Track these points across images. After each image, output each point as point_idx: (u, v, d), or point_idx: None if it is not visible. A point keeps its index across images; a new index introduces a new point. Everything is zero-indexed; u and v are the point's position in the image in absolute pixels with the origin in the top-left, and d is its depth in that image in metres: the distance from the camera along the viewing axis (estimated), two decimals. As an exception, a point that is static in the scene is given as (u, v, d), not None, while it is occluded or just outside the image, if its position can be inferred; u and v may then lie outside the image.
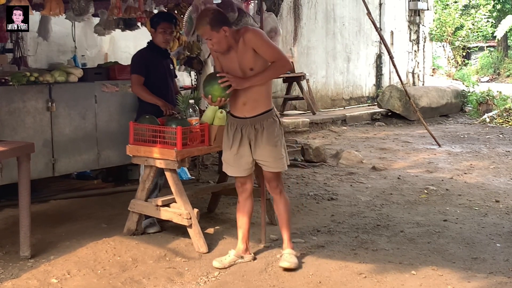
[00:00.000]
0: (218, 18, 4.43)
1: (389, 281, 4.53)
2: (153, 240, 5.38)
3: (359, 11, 16.62)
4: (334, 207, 6.69)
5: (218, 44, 4.46)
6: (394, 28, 18.97)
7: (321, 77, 15.95)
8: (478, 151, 10.55)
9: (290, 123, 12.22)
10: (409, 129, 13.66)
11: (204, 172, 8.22)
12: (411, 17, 19.98)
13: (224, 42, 4.44)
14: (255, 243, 5.31)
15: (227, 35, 4.43)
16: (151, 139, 5.20)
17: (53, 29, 7.88)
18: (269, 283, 4.49)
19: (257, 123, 4.58)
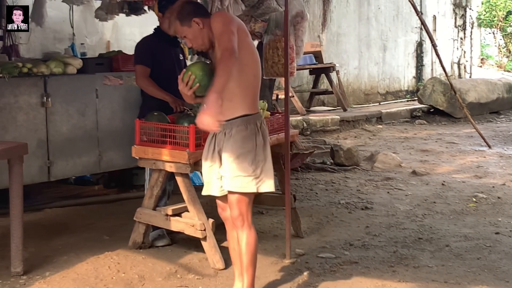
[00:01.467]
0: (186, 10, 4.14)
1: (433, 303, 4.49)
2: (162, 254, 5.38)
3: (397, -7, 16.57)
4: (369, 217, 6.66)
5: (194, 40, 4.15)
6: (437, 12, 18.86)
7: (353, 69, 15.90)
8: (534, 153, 10.47)
9: (318, 121, 12.19)
10: (455, 128, 13.57)
11: (219, 177, 8.21)
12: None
13: (201, 36, 4.12)
14: (279, 259, 5.29)
15: (202, 28, 4.09)
16: (160, 139, 5.20)
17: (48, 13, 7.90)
18: (295, 305, 4.48)
19: (227, 128, 4.13)
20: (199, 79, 4.01)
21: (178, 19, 4.12)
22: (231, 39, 3.95)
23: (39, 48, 8.95)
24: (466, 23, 20.44)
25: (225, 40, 3.94)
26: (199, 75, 4.01)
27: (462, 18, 20.25)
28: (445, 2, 19.33)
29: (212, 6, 5.85)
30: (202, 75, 4.01)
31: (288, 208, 5.42)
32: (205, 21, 4.08)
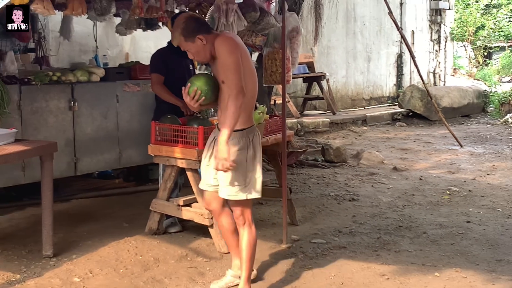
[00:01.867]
0: (190, 27, 3.94)
1: (412, 282, 4.49)
2: (175, 239, 5.38)
3: (379, 10, 16.52)
4: (356, 207, 6.66)
5: (197, 54, 3.99)
6: (415, 27, 18.85)
7: (341, 77, 15.89)
8: (500, 151, 10.45)
9: (310, 123, 12.18)
10: (431, 129, 13.55)
11: (224, 172, 8.19)
12: (432, 16, 19.83)
13: (203, 51, 3.95)
14: (277, 244, 5.30)
15: (205, 44, 3.92)
16: (173, 139, 5.20)
17: (74, 29, 7.90)
18: (290, 284, 4.47)
19: None
20: (205, 93, 3.93)
21: (182, 35, 3.94)
22: (239, 76, 3.86)
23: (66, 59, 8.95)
24: (441, 37, 20.42)
25: (233, 77, 3.86)
26: (204, 90, 3.92)
27: (437, 33, 20.22)
28: (422, 19, 19.32)
29: (218, 22, 5.85)
30: (207, 89, 3.93)
31: (284, 199, 5.42)
32: (208, 37, 3.93)
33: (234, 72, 3.85)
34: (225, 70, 3.87)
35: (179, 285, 4.45)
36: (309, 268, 4.76)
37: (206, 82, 3.94)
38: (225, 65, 3.87)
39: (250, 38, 6.69)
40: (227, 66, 3.87)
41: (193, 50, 3.95)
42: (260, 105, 5.83)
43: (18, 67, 6.78)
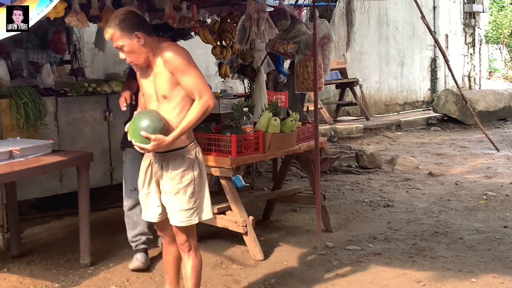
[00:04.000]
0: (131, 20, 3.45)
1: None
2: (209, 247, 5.41)
3: (412, 15, 16.40)
4: (391, 213, 6.62)
5: (131, 54, 3.47)
6: (449, 31, 18.65)
7: (375, 82, 15.80)
8: (538, 155, 10.28)
9: (344, 129, 12.15)
10: (466, 133, 13.39)
11: (258, 179, 8.24)
12: (466, 19, 19.60)
13: (139, 52, 3.46)
14: (311, 250, 5.30)
15: (143, 44, 3.44)
16: (206, 147, 5.24)
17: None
18: (326, 291, 4.47)
19: (163, 161, 3.62)
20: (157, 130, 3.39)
21: (119, 27, 3.42)
22: (205, 82, 3.52)
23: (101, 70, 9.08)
24: (475, 41, 20.16)
25: (200, 83, 3.47)
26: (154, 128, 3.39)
27: (472, 36, 19.98)
28: (456, 22, 19.11)
29: (249, 31, 5.88)
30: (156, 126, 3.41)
31: (318, 206, 5.43)
32: (148, 40, 3.46)
33: (200, 76, 3.49)
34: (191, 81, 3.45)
35: (214, 293, 4.48)
36: (344, 275, 4.75)
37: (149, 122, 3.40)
38: (184, 70, 3.45)
39: (281, 46, 6.73)
40: (193, 75, 3.46)
41: (127, 48, 3.44)
42: (292, 112, 5.86)
43: (55, 79, 6.91)
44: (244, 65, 7.78)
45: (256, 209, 6.48)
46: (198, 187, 3.64)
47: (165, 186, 3.63)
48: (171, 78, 3.47)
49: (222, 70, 7.80)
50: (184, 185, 3.59)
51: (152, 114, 3.43)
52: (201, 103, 3.47)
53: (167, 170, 3.59)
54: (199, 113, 3.47)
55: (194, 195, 3.63)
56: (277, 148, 5.45)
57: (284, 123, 5.44)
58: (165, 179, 3.62)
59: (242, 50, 7.48)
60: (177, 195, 3.60)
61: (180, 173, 3.58)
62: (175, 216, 3.65)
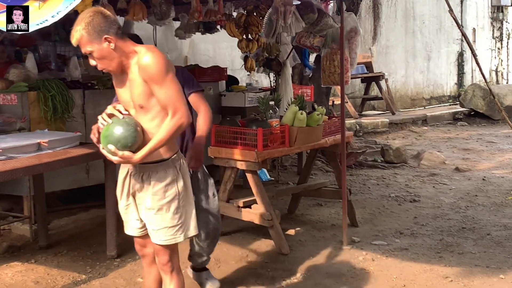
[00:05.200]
0: (99, 22, 3.03)
1: (476, 285, 4.40)
2: (235, 241, 5.41)
3: (439, 8, 16.24)
4: (417, 209, 6.56)
5: (102, 60, 3.08)
6: (476, 25, 18.44)
7: (401, 77, 15.69)
8: None
9: (369, 124, 12.07)
10: (493, 128, 13.23)
11: (283, 173, 8.22)
12: (493, 13, 19.36)
13: (110, 58, 3.06)
14: (337, 245, 5.27)
15: (113, 49, 3.04)
16: (232, 141, 5.24)
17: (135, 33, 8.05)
18: (351, 286, 4.44)
19: (144, 173, 3.25)
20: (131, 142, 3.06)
21: (86, 31, 3.02)
22: (182, 97, 3.11)
23: (127, 63, 9.11)
24: (503, 35, 19.91)
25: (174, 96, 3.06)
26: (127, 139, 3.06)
27: (499, 30, 19.73)
28: (483, 16, 18.88)
29: (276, 25, 5.86)
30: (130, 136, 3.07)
31: (344, 201, 5.40)
32: (119, 43, 3.05)
33: (177, 90, 3.09)
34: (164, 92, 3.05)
35: (240, 286, 4.47)
36: (370, 270, 4.71)
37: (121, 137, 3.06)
38: (164, 85, 3.05)
39: (308, 40, 6.70)
40: (168, 86, 3.06)
41: (97, 54, 3.06)
42: (318, 107, 5.83)
43: (82, 72, 6.96)
44: (270, 58, 7.77)
45: (281, 203, 6.47)
46: (183, 201, 3.27)
47: (147, 202, 3.25)
48: (147, 87, 3.07)
49: (248, 63, 7.79)
50: (168, 201, 3.22)
51: (129, 127, 3.05)
52: (174, 121, 3.07)
53: (149, 184, 3.22)
54: (170, 131, 3.08)
55: (178, 210, 3.26)
56: (303, 142, 5.42)
57: (311, 117, 5.41)
58: (145, 194, 3.25)
59: (268, 44, 7.46)
60: (159, 212, 3.23)
61: (163, 188, 3.21)
62: (157, 234, 3.28)
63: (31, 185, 5.41)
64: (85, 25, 3.01)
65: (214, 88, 7.48)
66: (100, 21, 3.03)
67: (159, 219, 3.25)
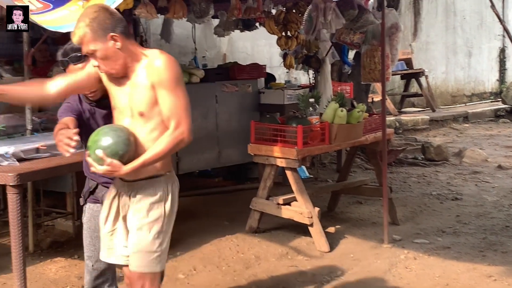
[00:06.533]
0: (104, 19, 2.75)
1: (521, 285, 4.33)
2: (275, 238, 5.42)
3: (480, 4, 15.98)
4: (459, 207, 6.47)
5: (106, 61, 2.77)
6: (519, 20, 18.10)
7: (441, 73, 15.49)
8: None
9: (409, 121, 11.95)
10: (537, 126, 12.98)
11: (322, 171, 8.19)
12: (537, 8, 18.99)
13: (115, 58, 2.77)
14: (378, 243, 5.23)
15: (120, 48, 2.76)
16: (272, 138, 5.24)
17: (174, 31, 8.11)
18: (393, 285, 4.41)
19: (134, 190, 2.91)
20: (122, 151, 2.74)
21: (90, 27, 2.72)
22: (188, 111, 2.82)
23: (167, 61, 9.17)
24: (547, 30, 19.51)
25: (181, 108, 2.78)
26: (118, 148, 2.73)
27: (543, 25, 19.35)
28: (526, 11, 18.54)
29: (316, 21, 5.85)
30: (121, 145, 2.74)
31: (385, 199, 5.37)
32: (126, 43, 2.79)
33: (185, 102, 2.81)
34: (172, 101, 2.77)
35: (280, 283, 4.48)
36: (412, 269, 4.67)
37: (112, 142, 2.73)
38: (173, 93, 2.77)
39: (348, 36, 6.67)
40: (176, 95, 2.78)
41: (101, 53, 2.76)
42: (359, 104, 5.81)
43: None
44: (309, 55, 7.75)
45: (321, 201, 6.44)
46: (167, 226, 2.91)
47: (129, 219, 2.92)
48: (152, 93, 2.78)
49: (287, 60, 7.78)
50: (150, 221, 2.86)
51: (120, 134, 2.75)
52: (175, 135, 2.77)
53: (134, 201, 2.89)
54: (168, 145, 2.77)
55: (160, 235, 2.88)
56: (343, 140, 5.41)
57: (351, 114, 5.39)
58: (130, 212, 2.92)
59: (307, 41, 7.44)
60: (139, 231, 2.86)
61: (147, 206, 2.87)
62: (133, 258, 2.89)
63: (74, 181, 5.49)
64: (89, 21, 2.73)
65: (253, 85, 7.50)
66: (106, 17, 2.75)
67: (137, 240, 2.86)
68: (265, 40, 10.07)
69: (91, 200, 3.26)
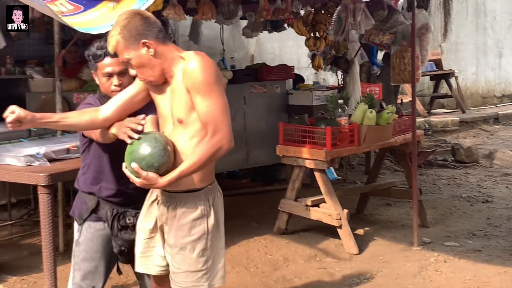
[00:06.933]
0: (135, 26, 2.64)
1: (554, 289, 4.26)
2: (303, 240, 5.40)
3: (511, 4, 15.79)
4: (490, 209, 6.39)
5: (142, 69, 2.67)
6: (551, 20, 17.82)
7: (471, 74, 15.32)
8: None
9: (439, 122, 11.84)
10: None
11: (350, 172, 8.16)
12: None
13: (151, 66, 2.66)
14: (407, 246, 5.19)
15: (153, 55, 2.65)
16: (301, 139, 5.23)
17: (203, 32, 8.15)
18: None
19: (171, 202, 2.77)
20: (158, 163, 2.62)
21: (122, 35, 2.64)
22: (227, 115, 2.66)
23: (194, 62, 9.22)
24: None
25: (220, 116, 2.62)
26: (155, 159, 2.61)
27: None
28: (558, 11, 18.25)
29: (345, 22, 5.82)
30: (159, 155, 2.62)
31: (415, 201, 5.32)
32: (161, 48, 2.66)
33: (222, 106, 2.64)
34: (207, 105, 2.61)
35: (308, 285, 4.46)
36: (442, 272, 4.62)
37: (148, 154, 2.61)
38: (207, 97, 2.60)
39: (377, 37, 6.63)
40: (212, 99, 2.61)
41: (135, 62, 2.66)
42: (388, 105, 5.77)
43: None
44: (338, 56, 7.72)
45: (349, 202, 6.40)
46: (211, 242, 2.76)
47: (170, 237, 2.77)
48: (189, 98, 2.64)
49: (316, 61, 7.77)
50: (193, 239, 2.72)
51: (156, 145, 2.62)
52: (212, 142, 2.62)
53: (174, 216, 2.74)
54: (205, 154, 2.62)
55: (205, 252, 2.74)
56: (373, 141, 5.38)
57: (380, 116, 5.35)
58: (170, 228, 2.77)
59: (336, 42, 7.41)
60: (182, 251, 2.73)
61: (189, 223, 2.72)
62: (176, 278, 2.77)
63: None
64: (120, 29, 2.64)
65: (281, 86, 7.49)
66: (138, 23, 2.64)
67: (181, 260, 2.74)
68: (293, 41, 10.07)
69: (93, 218, 3.07)
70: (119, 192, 3.05)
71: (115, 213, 3.04)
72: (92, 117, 2.83)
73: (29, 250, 5.22)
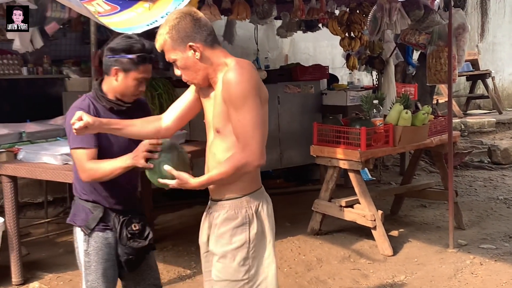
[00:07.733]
0: (184, 27, 2.56)
1: None
2: (337, 240, 5.39)
3: (550, 3, 15.51)
4: (527, 212, 6.31)
5: (186, 70, 2.62)
6: None
7: (508, 74, 15.09)
8: None
9: (475, 123, 11.68)
10: None
11: (384, 173, 8.10)
12: None
13: (195, 69, 2.60)
14: (443, 248, 5.14)
15: (199, 59, 2.57)
16: (335, 140, 5.22)
17: (237, 33, 8.17)
18: (459, 290, 4.33)
19: (216, 211, 2.70)
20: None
21: (169, 35, 2.58)
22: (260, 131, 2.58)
23: (231, 62, 9.24)
24: None
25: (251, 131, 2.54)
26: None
27: None
28: None
29: (381, 22, 5.78)
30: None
31: (451, 202, 5.26)
32: (208, 52, 2.58)
33: (254, 122, 2.55)
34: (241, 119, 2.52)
35: (342, 286, 4.45)
36: (478, 274, 4.56)
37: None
38: (241, 110, 2.51)
39: (413, 37, 6.57)
40: (245, 113, 2.52)
41: (181, 63, 2.61)
42: (424, 106, 5.72)
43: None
44: (373, 56, 7.67)
45: (384, 204, 6.37)
46: (254, 251, 2.62)
47: (212, 244, 2.70)
48: (225, 109, 2.56)
49: (350, 61, 7.72)
50: (234, 248, 2.61)
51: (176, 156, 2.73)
52: (238, 158, 2.54)
53: (216, 224, 2.67)
54: (231, 168, 2.54)
55: (246, 262, 2.62)
56: (408, 142, 5.33)
57: (416, 116, 5.31)
58: (212, 235, 2.70)
59: (371, 42, 7.37)
60: (223, 259, 2.64)
61: (230, 231, 2.63)
62: (216, 287, 2.68)
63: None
64: (169, 29, 2.57)
65: (315, 86, 7.48)
66: (187, 25, 2.55)
67: (221, 268, 2.64)
68: (327, 41, 10.02)
69: (100, 228, 2.96)
70: (123, 199, 3.03)
71: (122, 220, 2.99)
72: (156, 126, 2.85)
73: (65, 248, 5.29)
